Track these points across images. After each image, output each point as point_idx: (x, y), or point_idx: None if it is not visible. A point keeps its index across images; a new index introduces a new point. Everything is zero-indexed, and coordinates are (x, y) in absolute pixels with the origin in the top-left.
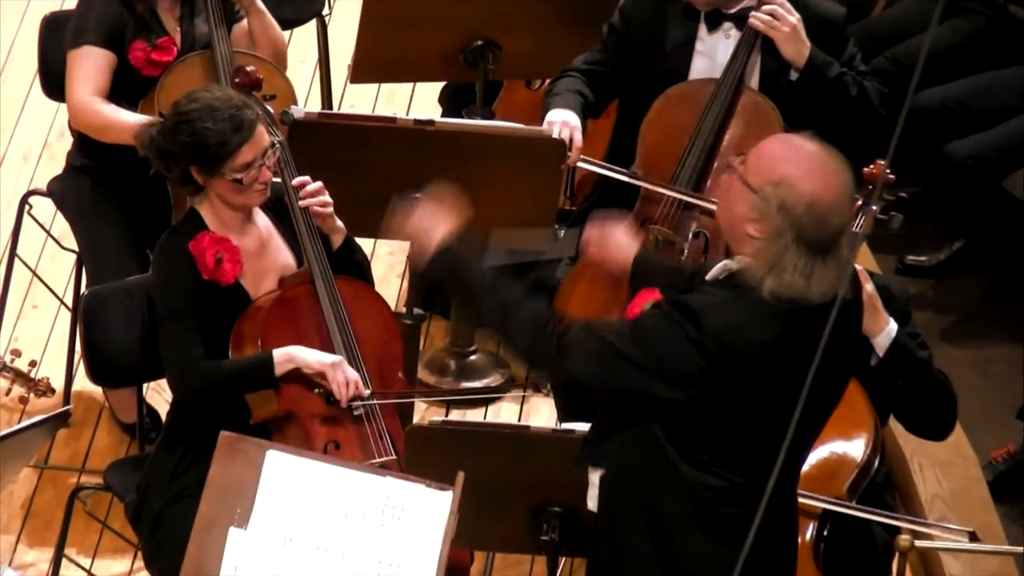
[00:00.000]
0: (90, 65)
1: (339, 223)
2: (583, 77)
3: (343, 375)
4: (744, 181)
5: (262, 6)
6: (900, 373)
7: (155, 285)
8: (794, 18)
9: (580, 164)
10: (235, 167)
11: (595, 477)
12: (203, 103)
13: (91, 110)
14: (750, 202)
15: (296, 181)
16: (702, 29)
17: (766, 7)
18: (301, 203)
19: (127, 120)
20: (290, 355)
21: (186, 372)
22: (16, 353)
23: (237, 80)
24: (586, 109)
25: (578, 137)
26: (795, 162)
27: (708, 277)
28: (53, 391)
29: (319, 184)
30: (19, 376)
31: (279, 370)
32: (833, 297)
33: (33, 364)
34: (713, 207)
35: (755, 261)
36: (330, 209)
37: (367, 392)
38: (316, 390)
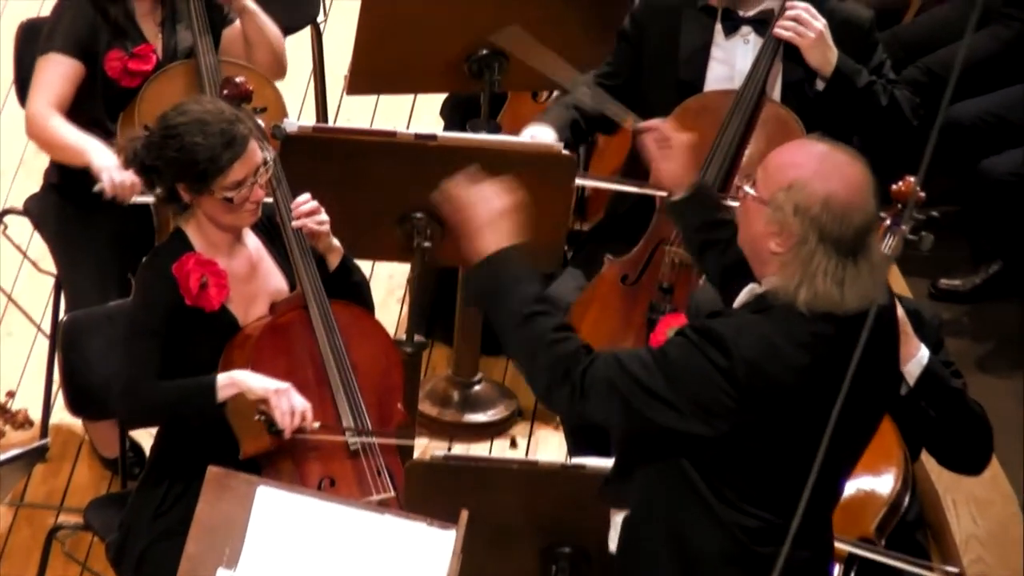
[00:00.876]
0: (52, 73)
1: (335, 243)
2: None
3: (288, 403)
4: (756, 198)
5: (254, 6)
6: (932, 403)
7: (133, 303)
8: (820, 24)
9: (584, 182)
10: (226, 185)
11: (618, 518)
12: (193, 116)
13: (41, 124)
14: (766, 216)
15: (294, 203)
16: (719, 35)
17: (790, 13)
18: (295, 223)
19: (73, 143)
20: (233, 379)
21: (128, 390)
22: None
23: (226, 92)
24: (579, 126)
25: None
26: (803, 165)
27: (736, 304)
28: (31, 423)
29: (315, 203)
30: None
31: (222, 395)
32: (869, 306)
33: (11, 395)
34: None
35: (784, 277)
36: (327, 227)
37: (316, 425)
38: (257, 417)
